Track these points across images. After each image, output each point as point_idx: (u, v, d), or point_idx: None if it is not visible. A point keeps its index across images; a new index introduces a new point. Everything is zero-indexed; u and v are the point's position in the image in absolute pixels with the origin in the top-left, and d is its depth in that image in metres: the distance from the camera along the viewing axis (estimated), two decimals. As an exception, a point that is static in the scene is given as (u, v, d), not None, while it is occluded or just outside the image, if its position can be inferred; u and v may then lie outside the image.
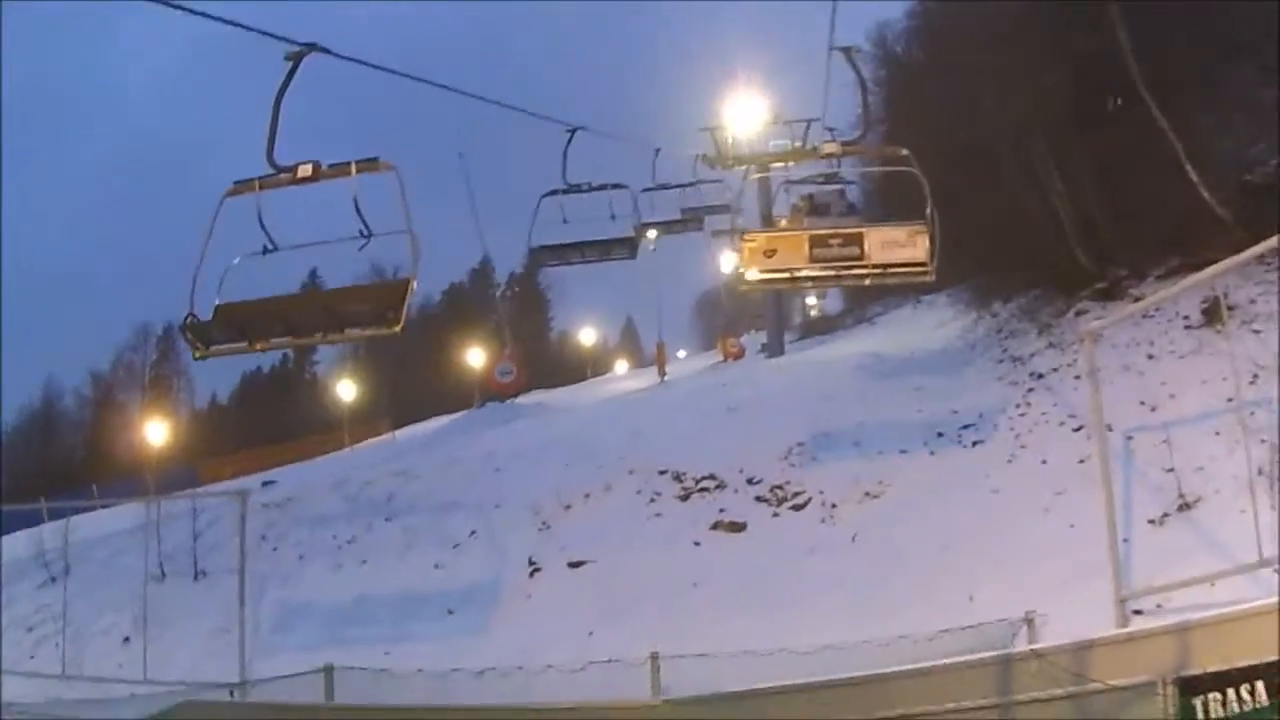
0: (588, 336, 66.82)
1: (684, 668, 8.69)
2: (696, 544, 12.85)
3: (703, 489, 13.99)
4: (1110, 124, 15.36)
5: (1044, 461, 12.04)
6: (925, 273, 9.77)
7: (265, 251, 6.69)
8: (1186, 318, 12.97)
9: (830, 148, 9.26)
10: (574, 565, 13.11)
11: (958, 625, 8.36)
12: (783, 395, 17.37)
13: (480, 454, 17.99)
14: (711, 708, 7.84)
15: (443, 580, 13.55)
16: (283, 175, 6.25)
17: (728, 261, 34.83)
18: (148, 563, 13.81)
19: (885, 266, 10.14)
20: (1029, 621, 8.27)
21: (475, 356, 62.79)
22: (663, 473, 14.63)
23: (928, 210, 8.92)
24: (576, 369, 63.52)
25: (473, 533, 14.52)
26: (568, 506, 14.63)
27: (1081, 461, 11.38)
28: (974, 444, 13.18)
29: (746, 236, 10.04)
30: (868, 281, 9.91)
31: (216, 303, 6.89)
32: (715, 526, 13.12)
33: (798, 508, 13.07)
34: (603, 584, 12.44)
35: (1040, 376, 14.28)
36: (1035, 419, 13.13)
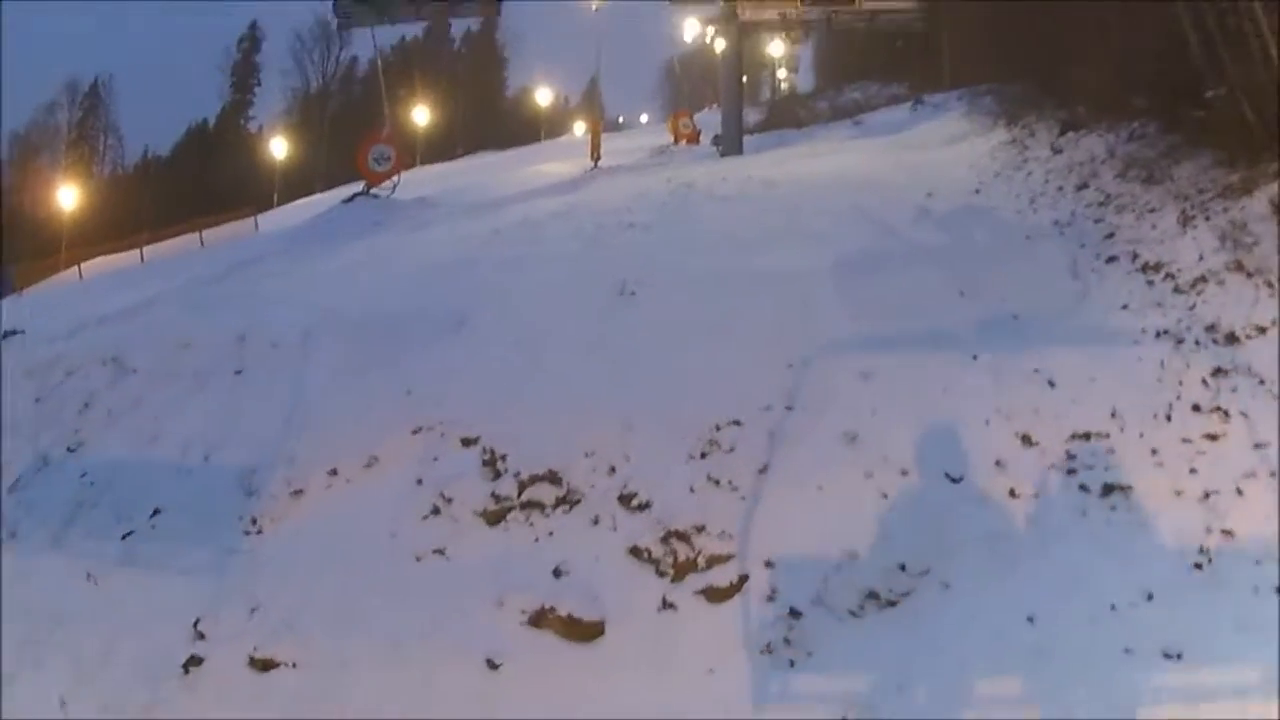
0: (543, 97, 65.16)
1: None
2: (494, 665, 5.79)
3: (532, 503, 6.75)
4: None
5: (1256, 589, 4.61)
6: (917, 18, 15.07)
7: None
8: None
9: None
10: (260, 666, 6.24)
11: None
12: (726, 262, 9.51)
13: (230, 335, 10.56)
14: None
15: (73, 621, 6.95)
16: None
17: (690, 29, 31.83)
18: None
19: (875, 13, 15.37)
20: None
21: (420, 115, 63.14)
22: (469, 443, 7.40)
23: None
24: (532, 130, 61.96)
25: (156, 513, 7.82)
26: (298, 492, 7.61)
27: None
28: (1106, 491, 5.58)
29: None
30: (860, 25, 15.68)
31: None
32: (540, 618, 5.91)
33: (718, 594, 5.73)
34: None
35: (1233, 339, 6.17)
36: (1237, 450, 5.30)
